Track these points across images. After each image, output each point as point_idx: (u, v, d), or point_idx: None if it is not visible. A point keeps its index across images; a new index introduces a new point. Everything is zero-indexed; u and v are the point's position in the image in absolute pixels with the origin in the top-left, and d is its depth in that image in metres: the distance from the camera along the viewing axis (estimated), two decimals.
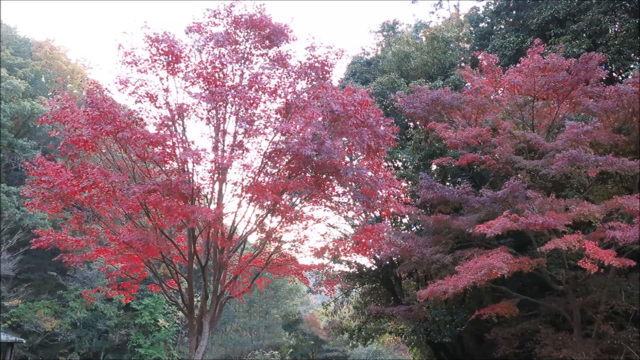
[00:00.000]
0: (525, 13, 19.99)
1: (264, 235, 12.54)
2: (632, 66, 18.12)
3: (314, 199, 12.25)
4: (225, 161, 10.70)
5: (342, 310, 27.05)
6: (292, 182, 10.93)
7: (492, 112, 15.82)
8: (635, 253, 12.53)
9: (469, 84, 16.94)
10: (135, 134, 10.35)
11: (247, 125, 11.14)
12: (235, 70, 12.08)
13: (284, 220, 12.00)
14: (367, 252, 14.06)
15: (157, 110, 11.68)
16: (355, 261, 21.36)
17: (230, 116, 11.72)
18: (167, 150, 10.96)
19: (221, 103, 11.34)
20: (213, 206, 11.48)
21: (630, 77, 16.51)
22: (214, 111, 11.60)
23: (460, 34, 26.25)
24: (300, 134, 10.22)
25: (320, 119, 10.87)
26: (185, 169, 11.30)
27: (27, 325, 27.83)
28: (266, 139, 11.69)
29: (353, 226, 20.02)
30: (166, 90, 11.68)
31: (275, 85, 11.75)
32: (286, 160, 11.48)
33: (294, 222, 12.10)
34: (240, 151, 11.41)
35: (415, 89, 16.43)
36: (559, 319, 14.88)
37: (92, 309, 30.73)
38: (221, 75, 11.75)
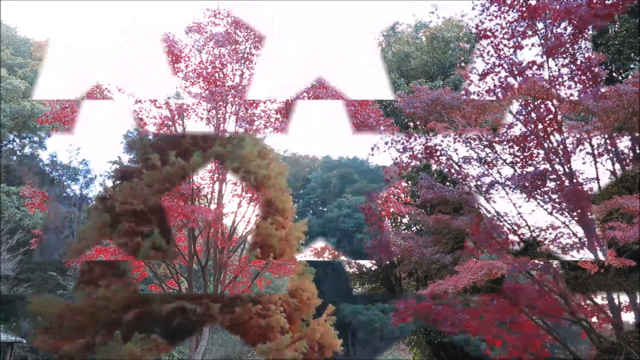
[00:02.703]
0: None
1: None
2: (632, 66, 18.10)
3: None
4: None
5: None
6: None
7: (492, 112, 15.79)
8: (635, 253, 12.51)
9: None
10: None
11: (247, 125, 11.15)
12: (235, 70, 12.09)
13: None
14: None
15: (157, 110, 11.70)
16: (355, 261, 21.37)
17: (230, 116, 11.72)
18: None
19: (221, 103, 11.35)
20: (213, 206, 11.49)
21: (630, 77, 16.48)
22: (214, 111, 11.60)
23: (460, 34, 26.24)
24: None
25: None
26: None
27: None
28: None
29: None
30: None
31: None
32: None
33: None
34: None
35: (415, 89, 16.37)
36: None
37: None
38: (221, 75, 11.76)
